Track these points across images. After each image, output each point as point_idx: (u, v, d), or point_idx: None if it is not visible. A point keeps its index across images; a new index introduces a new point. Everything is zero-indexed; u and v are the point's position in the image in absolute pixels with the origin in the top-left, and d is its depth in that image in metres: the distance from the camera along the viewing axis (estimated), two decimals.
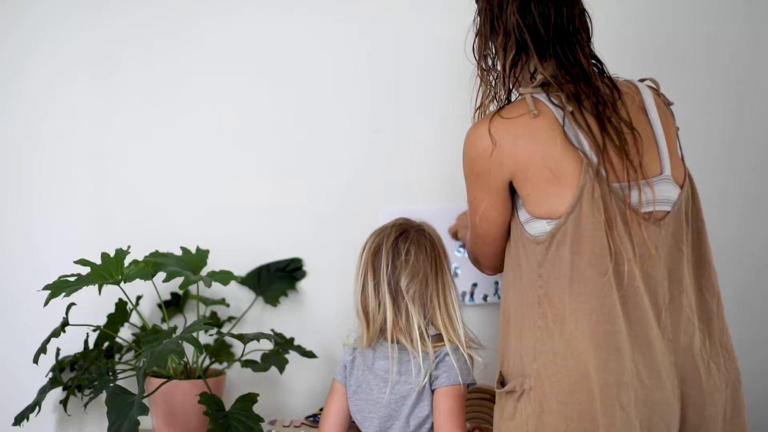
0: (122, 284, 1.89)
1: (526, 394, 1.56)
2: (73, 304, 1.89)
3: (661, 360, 1.54)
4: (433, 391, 1.72)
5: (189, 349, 1.97)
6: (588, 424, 1.50)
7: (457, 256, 2.20)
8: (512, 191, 1.63)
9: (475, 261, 1.85)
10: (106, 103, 2.16)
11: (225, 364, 2.09)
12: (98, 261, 1.88)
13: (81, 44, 2.15)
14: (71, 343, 2.01)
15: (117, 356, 2.06)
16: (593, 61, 1.63)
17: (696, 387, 1.57)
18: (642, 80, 1.71)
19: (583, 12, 1.63)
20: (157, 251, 1.99)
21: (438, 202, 2.20)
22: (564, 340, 1.53)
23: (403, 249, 1.74)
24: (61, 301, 1.82)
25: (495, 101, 1.67)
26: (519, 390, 1.58)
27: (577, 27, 1.61)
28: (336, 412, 1.81)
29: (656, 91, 1.69)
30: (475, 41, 1.69)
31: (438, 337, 1.75)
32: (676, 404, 1.54)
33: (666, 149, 1.61)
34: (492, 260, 1.78)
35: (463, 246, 2.20)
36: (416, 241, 1.75)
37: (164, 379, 1.89)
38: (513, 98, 1.65)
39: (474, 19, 1.69)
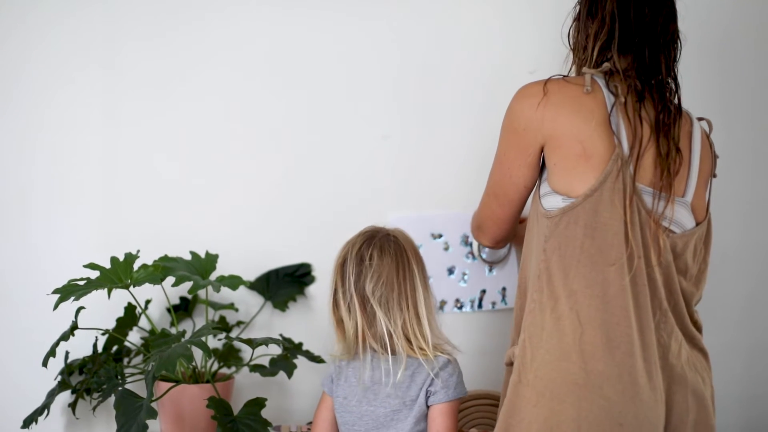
0: (131, 288, 1.89)
1: (514, 363, 1.61)
2: (82, 307, 1.90)
3: (654, 361, 1.55)
4: (428, 407, 1.72)
5: (198, 354, 1.97)
6: (557, 404, 1.51)
7: (466, 263, 2.20)
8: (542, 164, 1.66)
9: (478, 228, 1.87)
10: (113, 105, 2.16)
11: (233, 369, 2.09)
12: (107, 265, 1.89)
13: (84, 47, 2.15)
14: (80, 347, 2.01)
15: (126, 360, 2.06)
16: (671, 80, 1.65)
17: (681, 393, 1.58)
18: (699, 119, 1.74)
19: (677, 32, 1.67)
20: (166, 255, 2.00)
21: (449, 208, 2.19)
22: (554, 317, 1.55)
23: (367, 254, 1.74)
24: (68, 305, 1.82)
25: None
26: (513, 360, 1.63)
27: (668, 40, 1.65)
28: (322, 423, 1.83)
29: (706, 134, 1.73)
30: (571, 26, 1.74)
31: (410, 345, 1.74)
32: (662, 407, 1.55)
33: (695, 180, 1.64)
34: (497, 226, 1.81)
35: (471, 253, 2.20)
36: (379, 246, 1.75)
37: (173, 383, 1.89)
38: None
39: (575, 6, 1.74)
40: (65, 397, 2.06)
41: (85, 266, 1.87)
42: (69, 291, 1.81)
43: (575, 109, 1.59)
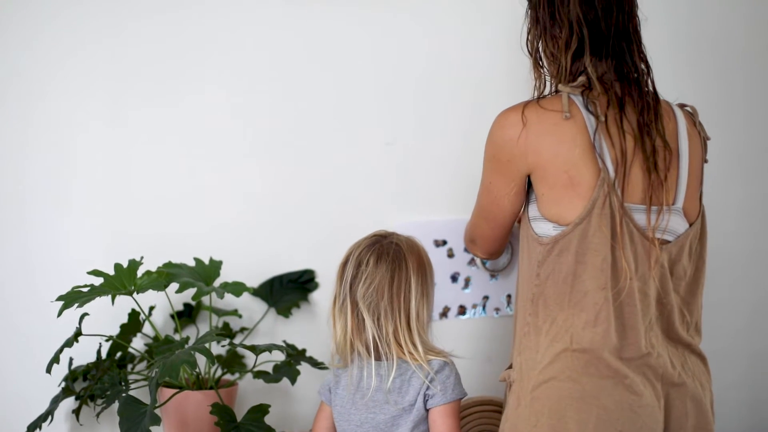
0: (135, 295, 1.90)
1: (512, 386, 1.61)
2: (86, 314, 1.90)
3: (650, 371, 1.56)
4: (427, 411, 1.73)
5: (201, 360, 1.98)
6: (556, 421, 1.52)
7: (470, 269, 2.20)
8: (528, 184, 1.64)
9: (471, 242, 1.87)
10: (117, 109, 2.16)
11: (237, 375, 2.10)
12: (111, 272, 1.89)
13: (86, 50, 2.15)
14: (84, 354, 2.01)
15: (129, 366, 2.06)
16: (643, 65, 1.62)
17: (680, 399, 1.59)
18: (682, 105, 1.71)
19: (636, 13, 1.63)
20: (170, 262, 2.00)
21: (454, 214, 2.19)
22: (549, 339, 1.56)
23: (365, 259, 1.75)
24: (72, 312, 1.82)
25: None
26: (509, 381, 1.64)
27: (636, 27, 1.62)
28: (321, 430, 1.85)
29: (692, 121, 1.69)
30: (530, 34, 1.67)
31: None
32: (660, 414, 1.56)
33: (685, 182, 1.62)
34: (490, 244, 1.81)
35: (471, 261, 2.20)
36: (378, 252, 1.76)
37: (176, 390, 1.90)
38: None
39: (527, 12, 1.68)
40: (69, 403, 2.07)
41: (88, 273, 1.88)
42: (73, 298, 1.82)
43: (557, 138, 1.55)
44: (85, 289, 1.85)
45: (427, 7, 2.24)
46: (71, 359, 2.01)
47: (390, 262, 1.75)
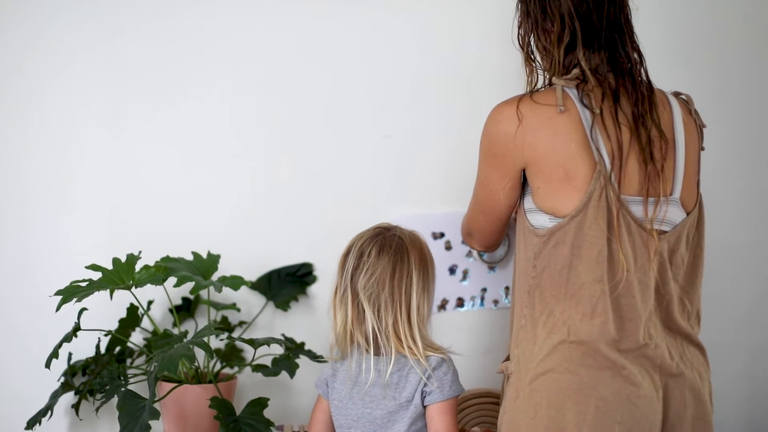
0: (133, 289, 1.90)
1: (509, 378, 1.61)
2: (84, 309, 1.90)
3: (648, 362, 1.56)
4: (425, 407, 1.73)
5: (200, 354, 1.98)
6: (554, 412, 1.52)
7: (467, 261, 2.20)
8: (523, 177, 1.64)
9: (468, 235, 1.87)
10: (116, 106, 2.16)
11: (236, 369, 2.10)
12: (109, 266, 1.89)
13: (85, 49, 2.16)
14: (83, 348, 2.02)
15: (128, 361, 2.06)
16: (636, 55, 1.61)
17: (679, 390, 1.58)
18: (677, 94, 1.71)
19: (628, 6, 1.63)
20: (168, 256, 2.00)
21: (451, 207, 2.18)
22: (546, 330, 1.56)
23: (367, 250, 1.75)
24: (70, 307, 1.82)
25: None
26: (507, 373, 1.64)
27: (627, 17, 1.61)
28: (318, 425, 1.85)
29: (688, 109, 1.68)
30: (521, 28, 1.67)
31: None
32: (659, 405, 1.56)
33: (682, 172, 1.61)
34: (487, 238, 1.81)
35: (469, 254, 2.20)
36: (380, 243, 1.76)
37: (175, 384, 1.90)
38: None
39: (517, 5, 1.67)
40: (68, 398, 2.07)
41: (87, 267, 1.88)
42: (71, 292, 1.82)
43: (553, 132, 1.55)
44: (84, 284, 1.85)
45: (421, 4, 2.23)
46: (70, 354, 2.01)
47: (392, 254, 1.74)
